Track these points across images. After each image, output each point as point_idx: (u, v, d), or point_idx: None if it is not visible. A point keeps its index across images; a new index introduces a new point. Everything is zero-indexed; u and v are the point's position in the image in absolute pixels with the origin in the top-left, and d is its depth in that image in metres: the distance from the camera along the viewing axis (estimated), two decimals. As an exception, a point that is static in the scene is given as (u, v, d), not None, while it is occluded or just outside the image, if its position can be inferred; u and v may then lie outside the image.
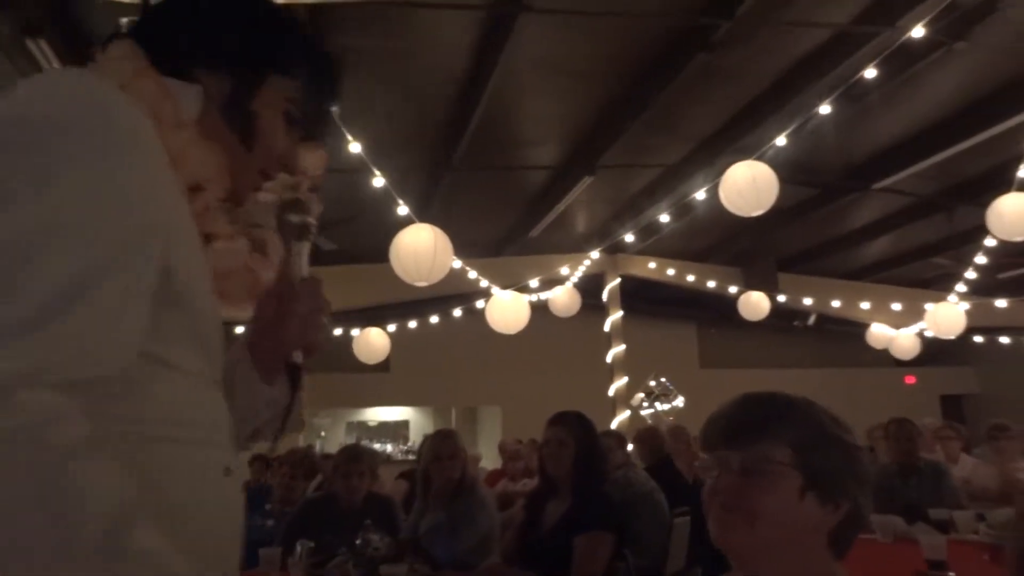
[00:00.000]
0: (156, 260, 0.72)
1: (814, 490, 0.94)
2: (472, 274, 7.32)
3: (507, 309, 6.75)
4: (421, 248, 4.46)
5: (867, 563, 2.69)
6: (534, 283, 8.33)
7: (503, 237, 8.55)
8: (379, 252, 4.78)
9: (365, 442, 10.95)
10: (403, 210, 4.95)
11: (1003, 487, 3.92)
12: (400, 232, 4.56)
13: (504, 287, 7.38)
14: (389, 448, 12.17)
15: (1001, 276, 8.96)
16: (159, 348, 0.74)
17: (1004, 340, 10.86)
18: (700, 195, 6.27)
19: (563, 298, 7.97)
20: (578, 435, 2.62)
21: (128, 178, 0.70)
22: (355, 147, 4.36)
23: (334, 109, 1.01)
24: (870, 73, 4.64)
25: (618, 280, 9.40)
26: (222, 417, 0.84)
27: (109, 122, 0.70)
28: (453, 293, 7.95)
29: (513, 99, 5.39)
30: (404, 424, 12.75)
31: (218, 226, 0.92)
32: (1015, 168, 5.31)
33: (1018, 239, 5.24)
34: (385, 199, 4.99)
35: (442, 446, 2.87)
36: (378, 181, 4.75)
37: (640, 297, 10.05)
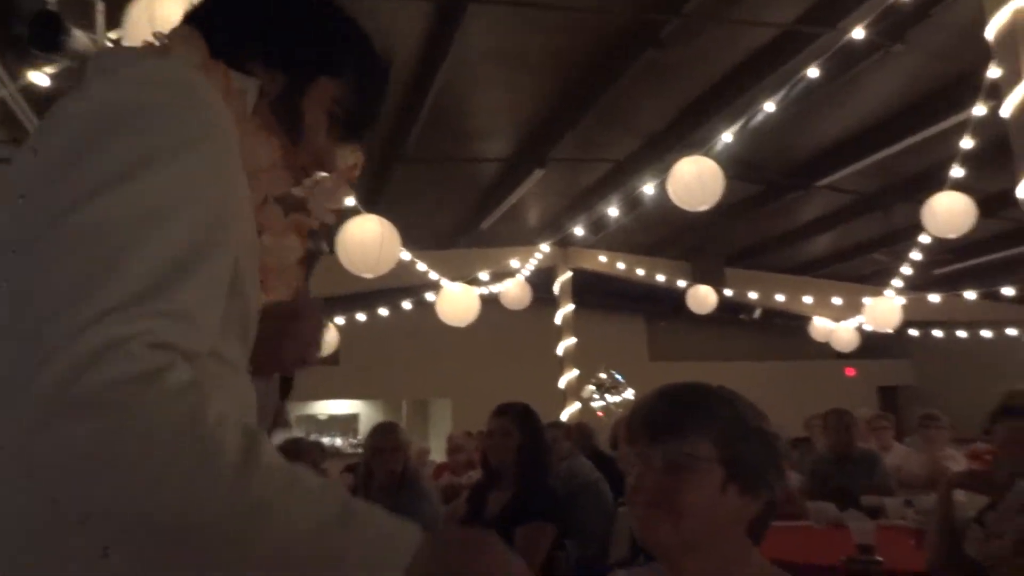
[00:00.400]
0: (232, 248, 0.74)
1: (736, 482, 0.95)
2: (421, 266, 7.27)
3: (457, 302, 6.73)
4: (368, 239, 4.40)
5: (800, 548, 2.77)
6: (484, 276, 8.32)
7: (454, 229, 8.51)
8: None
9: (314, 436, 10.80)
10: (350, 200, 4.88)
11: (931, 474, 4.07)
12: (346, 223, 4.49)
13: (454, 280, 7.35)
14: (338, 442, 12.03)
15: (935, 272, 9.31)
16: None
17: (937, 334, 11.29)
18: (649, 190, 6.34)
19: (514, 291, 7.98)
20: (522, 426, 2.62)
21: (217, 165, 0.73)
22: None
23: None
24: (813, 72, 4.75)
25: (569, 273, 9.46)
26: (253, 407, 0.86)
27: (203, 110, 0.73)
28: (403, 285, 7.88)
29: (464, 90, 5.36)
30: (354, 417, 12.62)
31: (272, 219, 0.94)
32: (949, 167, 5.52)
33: (951, 236, 5.44)
34: (332, 189, 4.90)
35: (383, 439, 2.84)
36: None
37: (590, 290, 10.14)
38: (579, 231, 8.12)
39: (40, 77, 3.42)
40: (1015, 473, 2.13)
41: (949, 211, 5.21)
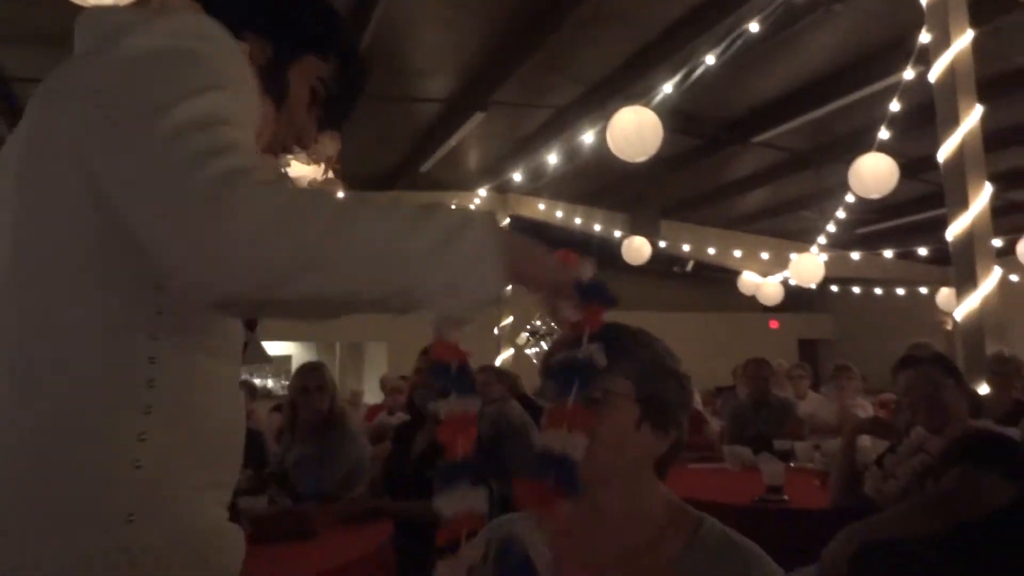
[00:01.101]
0: None
1: (650, 420, 0.98)
2: (358, 207, 7.12)
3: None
4: (302, 180, 4.27)
5: (716, 490, 2.91)
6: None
7: (393, 171, 8.34)
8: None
9: (244, 376, 10.63)
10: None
11: (840, 421, 4.32)
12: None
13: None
14: (270, 383, 11.90)
15: (858, 231, 9.69)
16: None
17: (856, 290, 11.81)
18: (589, 138, 6.33)
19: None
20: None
21: (253, 101, 0.84)
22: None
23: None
24: (754, 28, 4.78)
25: (507, 220, 9.44)
26: (238, 337, 0.92)
27: (239, 59, 0.82)
28: (338, 226, 7.73)
29: (404, 25, 5.18)
30: (287, 359, 12.47)
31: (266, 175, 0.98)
32: (877, 129, 5.69)
33: (874, 197, 5.64)
34: (263, 123, 4.71)
35: (309, 378, 2.82)
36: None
37: (528, 237, 10.15)
38: (518, 178, 8.07)
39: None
40: (913, 420, 2.28)
41: (874, 172, 5.37)
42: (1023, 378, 3.82)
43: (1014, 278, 8.49)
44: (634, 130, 4.77)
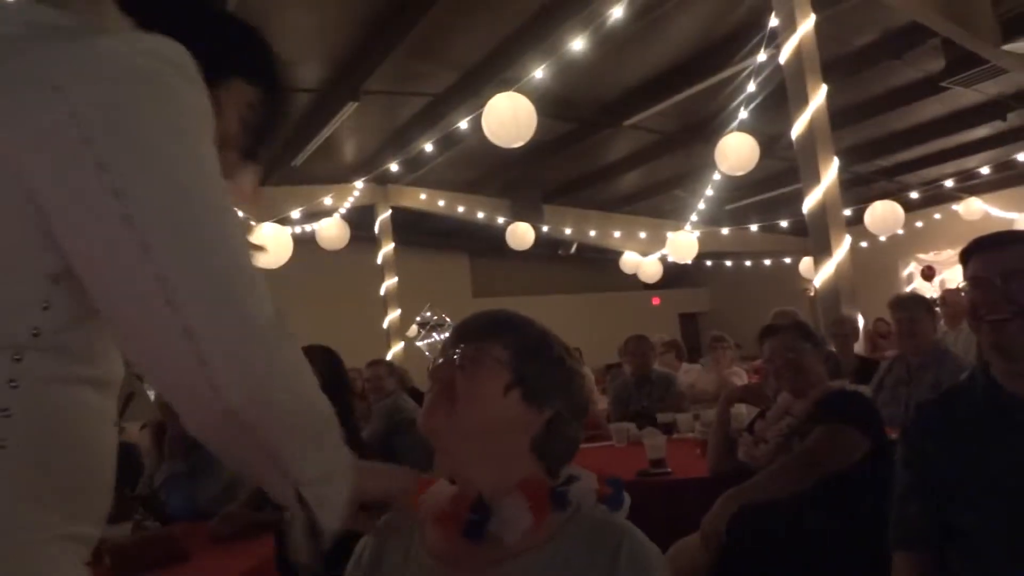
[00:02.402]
0: None
1: (519, 388, 0.97)
2: (227, 204, 6.76)
3: (267, 243, 6.34)
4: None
5: (601, 466, 2.96)
6: (296, 215, 7.93)
7: (265, 166, 7.94)
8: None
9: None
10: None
11: (718, 390, 4.53)
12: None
13: (263, 220, 6.93)
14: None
15: (726, 208, 10.21)
16: None
17: (728, 264, 12.48)
18: (465, 126, 6.29)
19: (331, 230, 7.69)
20: (322, 367, 2.54)
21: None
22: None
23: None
24: (619, 12, 4.89)
25: (389, 211, 9.27)
26: (119, 369, 0.82)
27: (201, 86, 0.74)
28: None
29: (266, 8, 4.92)
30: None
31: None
32: (738, 110, 5.99)
33: (739, 174, 5.95)
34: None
35: None
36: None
37: (411, 228, 10.04)
38: (396, 168, 7.93)
39: None
40: (778, 385, 2.40)
41: (736, 151, 5.66)
42: (858, 335, 4.15)
43: (864, 245, 9.23)
44: (509, 116, 4.78)
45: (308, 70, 6.01)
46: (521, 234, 8.60)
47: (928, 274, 11.54)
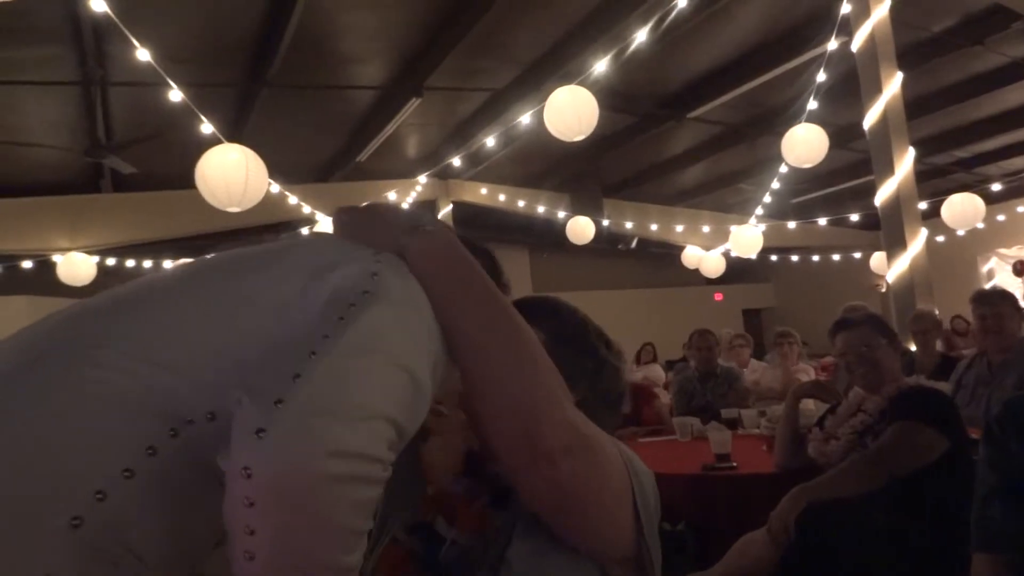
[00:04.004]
0: None
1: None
2: (294, 200, 6.96)
3: (334, 237, 6.51)
4: (231, 171, 4.12)
5: (666, 461, 2.95)
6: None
7: (329, 162, 8.18)
8: (188, 177, 4.39)
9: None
10: (208, 128, 4.53)
11: (784, 386, 4.43)
12: (206, 153, 4.18)
13: (330, 214, 7.10)
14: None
15: (793, 201, 9.95)
16: None
17: (794, 258, 12.15)
18: (526, 120, 6.31)
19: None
20: None
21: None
22: (143, 54, 3.88)
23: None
24: (683, 2, 4.82)
25: (450, 206, 9.37)
26: None
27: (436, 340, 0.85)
28: (275, 221, 7.56)
29: (331, 10, 5.05)
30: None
31: None
32: (806, 100, 5.83)
33: (806, 166, 5.79)
34: (189, 117, 4.54)
35: None
36: (175, 95, 4.29)
37: (472, 223, 10.12)
38: (457, 163, 8.01)
39: None
40: (850, 381, 2.34)
41: (805, 143, 5.50)
42: (940, 332, 3.98)
43: (940, 239, 8.85)
44: (570, 110, 4.76)
45: (372, 68, 6.13)
46: (581, 228, 8.57)
47: (1021, 269, 10.96)
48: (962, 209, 7.15)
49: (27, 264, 7.57)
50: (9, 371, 0.71)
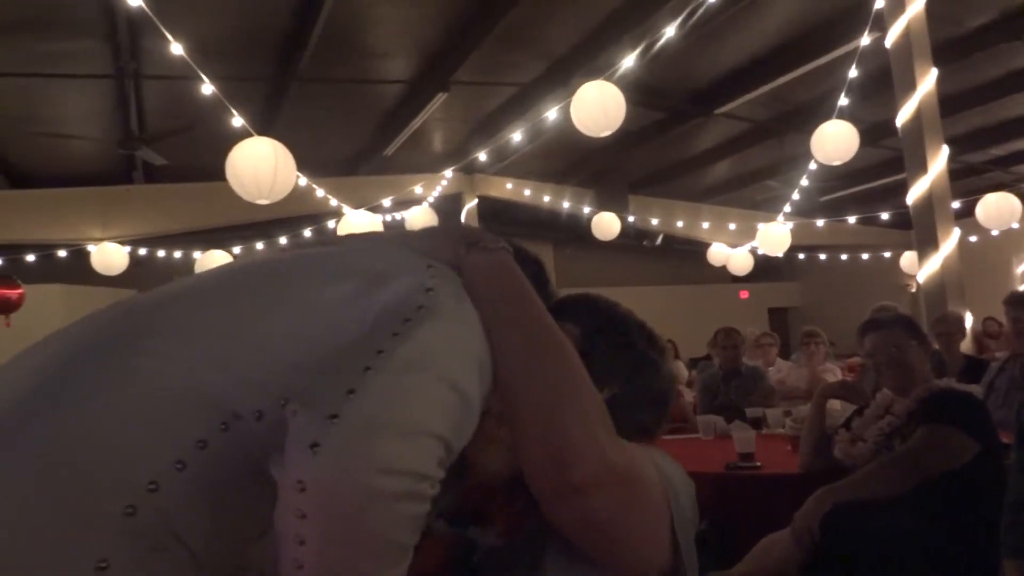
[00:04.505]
0: None
1: (587, 367, 0.98)
2: (321, 193, 7.03)
3: (359, 230, 6.56)
4: (260, 164, 4.17)
5: (689, 459, 2.93)
6: (387, 203, 8.15)
7: (356, 155, 8.23)
8: (218, 169, 4.45)
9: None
10: (238, 121, 4.59)
11: (810, 386, 4.39)
12: (236, 146, 4.23)
13: (357, 207, 7.16)
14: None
15: (821, 199, 9.81)
16: None
17: (822, 257, 11.99)
18: (553, 115, 6.30)
19: (420, 218, 7.86)
20: None
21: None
22: (176, 48, 3.93)
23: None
24: (713, -2, 4.77)
25: (475, 201, 9.39)
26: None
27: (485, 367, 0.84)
28: (302, 213, 7.63)
29: (360, 4, 5.08)
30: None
31: None
32: (837, 97, 5.74)
33: (836, 164, 5.70)
34: (219, 110, 4.60)
35: None
36: (207, 88, 4.35)
37: (497, 217, 10.13)
38: (484, 157, 8.02)
39: None
40: (879, 382, 2.31)
41: (835, 140, 5.42)
42: (964, 334, 3.92)
43: (973, 239, 8.68)
44: (597, 105, 4.74)
45: (399, 62, 6.16)
46: (606, 224, 8.54)
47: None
48: (997, 209, 7.00)
49: (62, 253, 7.74)
50: (65, 361, 0.73)
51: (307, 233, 8.44)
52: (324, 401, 0.66)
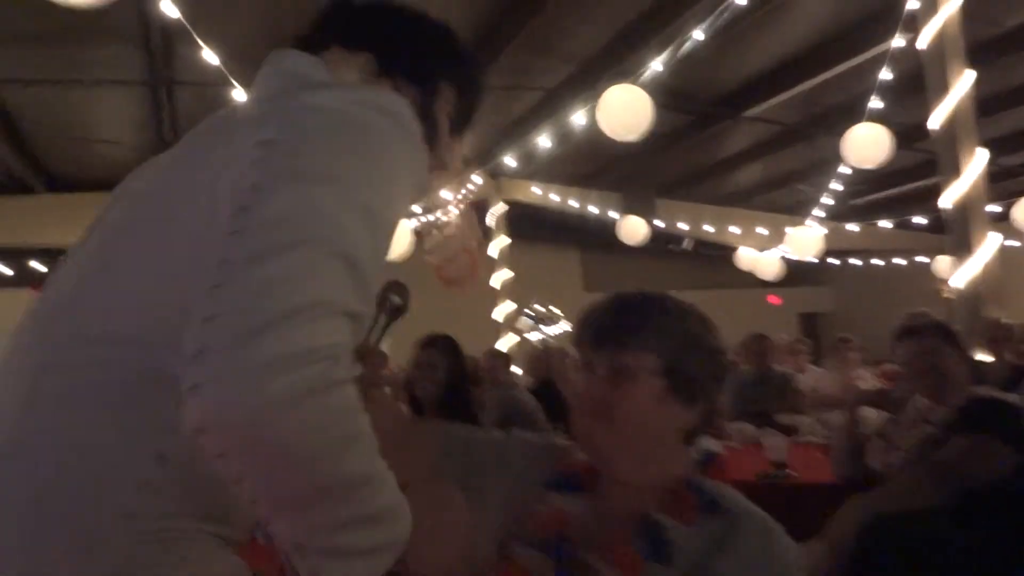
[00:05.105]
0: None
1: (676, 394, 0.96)
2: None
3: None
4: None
5: (718, 466, 2.90)
6: (415, 207, 8.18)
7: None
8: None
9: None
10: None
11: (843, 393, 4.30)
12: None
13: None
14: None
15: (853, 203, 9.65)
16: None
17: (855, 262, 11.79)
18: (580, 119, 6.28)
19: (451, 221, 7.88)
20: (447, 358, 2.62)
21: (414, 176, 0.83)
22: (210, 56, 4.00)
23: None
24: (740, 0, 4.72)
25: (502, 205, 9.40)
26: None
27: (416, 144, 0.83)
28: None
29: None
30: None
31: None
32: (868, 99, 5.65)
33: (868, 167, 5.61)
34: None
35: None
36: (240, 95, 4.42)
37: (523, 221, 10.13)
38: (510, 161, 8.02)
39: None
40: (914, 390, 2.26)
41: (867, 142, 5.32)
42: (1016, 343, 3.82)
43: (1012, 244, 8.46)
44: (624, 108, 4.72)
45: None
46: (633, 228, 8.49)
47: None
48: (1035, 212, 6.83)
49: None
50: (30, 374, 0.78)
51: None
52: (189, 337, 0.61)
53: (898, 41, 5.07)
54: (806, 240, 8.00)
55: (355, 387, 0.65)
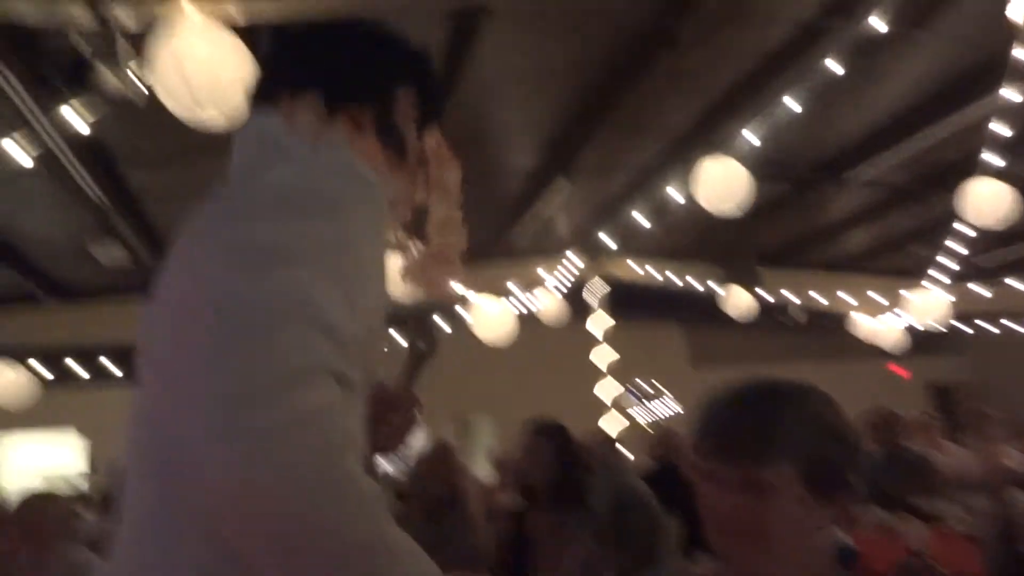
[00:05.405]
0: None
1: (816, 494, 0.91)
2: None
3: (493, 320, 6.72)
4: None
5: (859, 565, 2.66)
6: (513, 288, 8.31)
7: (479, 247, 8.50)
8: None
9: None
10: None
11: (986, 473, 3.92)
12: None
13: (481, 291, 7.35)
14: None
15: (977, 262, 9.00)
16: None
17: (986, 326, 10.91)
18: (675, 194, 6.28)
19: (552, 308, 7.93)
20: (552, 443, 2.58)
21: (379, 231, 0.90)
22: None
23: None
24: (834, 66, 4.65)
25: (602, 283, 9.39)
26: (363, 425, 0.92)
27: (374, 197, 0.89)
28: (425, 302, 7.90)
29: (482, 108, 5.37)
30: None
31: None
32: (979, 154, 5.35)
33: (989, 224, 5.25)
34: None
35: (431, 463, 2.80)
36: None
37: (623, 299, 10.04)
38: (607, 239, 8.06)
39: (80, 125, 3.52)
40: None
41: (986, 198, 5.04)
42: None
43: None
44: (721, 182, 4.70)
45: (521, 156, 6.40)
46: (738, 300, 8.25)
47: None
48: None
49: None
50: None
51: (440, 322, 8.70)
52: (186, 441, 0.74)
53: (1011, 94, 4.82)
54: (928, 305, 7.50)
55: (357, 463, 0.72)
